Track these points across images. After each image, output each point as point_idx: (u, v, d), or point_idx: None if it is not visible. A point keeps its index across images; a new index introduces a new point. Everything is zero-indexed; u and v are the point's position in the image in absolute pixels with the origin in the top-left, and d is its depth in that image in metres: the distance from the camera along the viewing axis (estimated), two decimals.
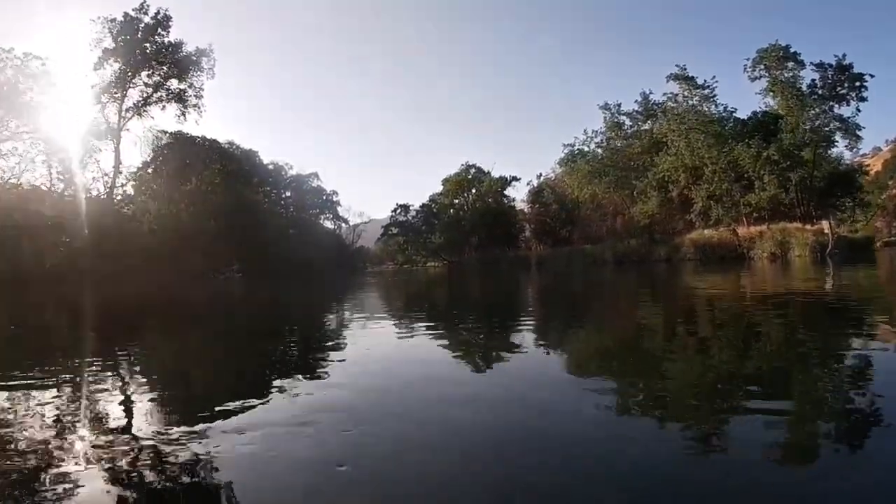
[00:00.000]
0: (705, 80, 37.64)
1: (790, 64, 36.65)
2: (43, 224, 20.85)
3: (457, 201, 67.32)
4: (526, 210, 65.27)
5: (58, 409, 3.40)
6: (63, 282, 19.29)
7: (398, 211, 69.59)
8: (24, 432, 2.90)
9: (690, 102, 37.45)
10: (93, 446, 2.63)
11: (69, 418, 3.19)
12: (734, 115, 37.82)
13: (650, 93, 44.41)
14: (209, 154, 40.54)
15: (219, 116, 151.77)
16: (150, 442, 2.68)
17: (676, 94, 38.25)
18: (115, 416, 3.24)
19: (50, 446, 2.65)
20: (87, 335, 8.65)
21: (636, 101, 44.79)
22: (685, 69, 37.85)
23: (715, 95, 37.49)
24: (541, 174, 63.71)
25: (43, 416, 3.22)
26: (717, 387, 3.54)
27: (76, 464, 2.40)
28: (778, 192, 33.99)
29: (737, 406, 3.04)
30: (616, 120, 44.64)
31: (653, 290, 14.90)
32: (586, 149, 44.97)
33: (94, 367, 4.95)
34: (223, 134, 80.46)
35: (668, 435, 2.61)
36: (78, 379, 4.43)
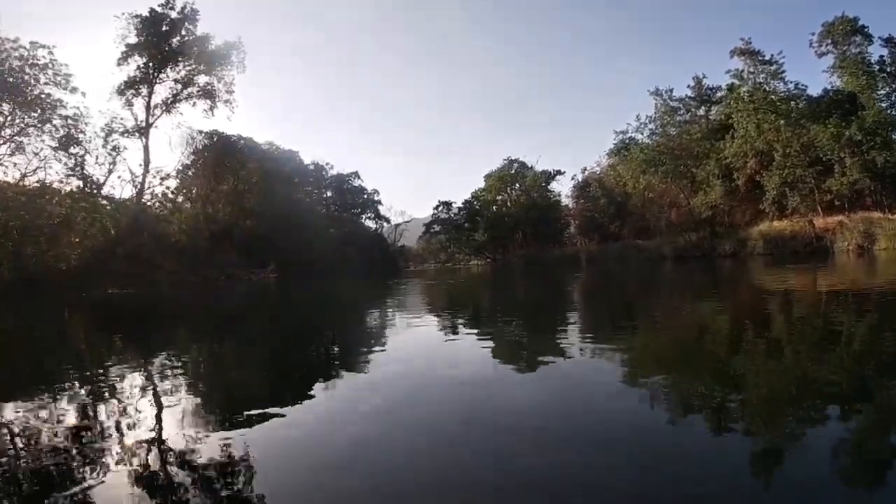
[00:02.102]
0: (772, 55, 34.18)
1: (857, 38, 32.97)
2: (53, 223, 19.90)
3: (500, 197, 65.28)
4: (570, 205, 62.92)
5: (89, 415, 3.55)
6: (80, 283, 18.46)
7: (440, 208, 67.98)
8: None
9: (757, 80, 34.00)
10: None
11: (106, 421, 3.35)
12: (805, 92, 34.20)
13: (703, 77, 41.87)
14: (246, 153, 39.84)
15: (257, 118, 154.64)
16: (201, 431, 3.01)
17: (742, 71, 34.71)
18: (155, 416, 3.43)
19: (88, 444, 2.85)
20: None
21: (689, 86, 42.21)
22: (750, 42, 34.38)
23: (783, 72, 33.95)
24: (585, 168, 61.21)
25: (80, 417, 3.46)
26: (786, 395, 3.37)
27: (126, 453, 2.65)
28: (861, 177, 30.26)
29: (807, 418, 2.88)
30: (670, 105, 41.69)
31: (723, 289, 13.19)
32: (639, 136, 42.11)
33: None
34: (262, 135, 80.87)
35: (727, 447, 2.46)
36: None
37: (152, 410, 3.59)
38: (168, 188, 33.58)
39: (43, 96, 25.80)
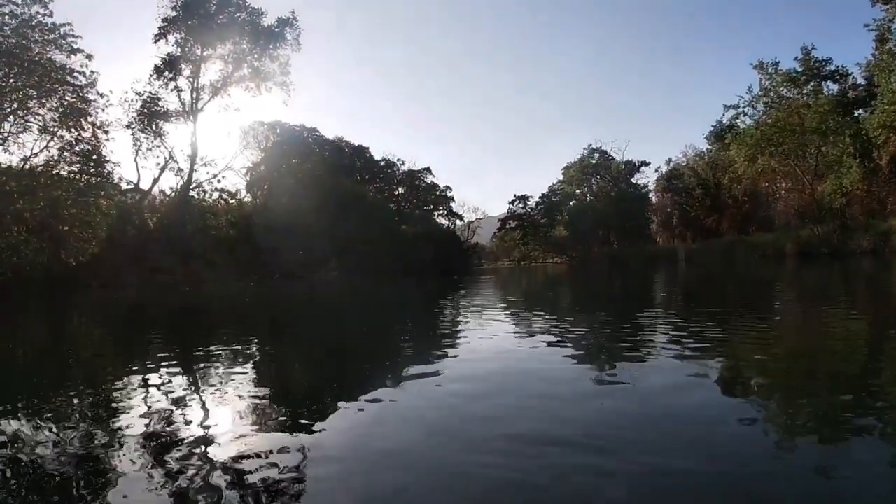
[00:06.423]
0: None
1: None
2: (55, 213, 18.03)
3: (579, 191, 60.71)
4: (654, 200, 57.65)
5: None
6: (83, 283, 16.65)
7: (516, 202, 64.28)
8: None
9: None
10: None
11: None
12: None
13: (812, 48, 35.68)
14: (310, 144, 38.06)
15: (331, 113, 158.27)
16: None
17: (889, 21, 28.16)
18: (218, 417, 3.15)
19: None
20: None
21: (796, 58, 36.09)
22: None
23: None
24: (670, 159, 55.63)
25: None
26: None
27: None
28: None
29: None
30: (780, 77, 35.82)
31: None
32: (751, 111, 36.32)
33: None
34: (332, 130, 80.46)
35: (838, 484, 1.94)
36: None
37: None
38: (216, 177, 31.74)
39: (43, 61, 22.21)
